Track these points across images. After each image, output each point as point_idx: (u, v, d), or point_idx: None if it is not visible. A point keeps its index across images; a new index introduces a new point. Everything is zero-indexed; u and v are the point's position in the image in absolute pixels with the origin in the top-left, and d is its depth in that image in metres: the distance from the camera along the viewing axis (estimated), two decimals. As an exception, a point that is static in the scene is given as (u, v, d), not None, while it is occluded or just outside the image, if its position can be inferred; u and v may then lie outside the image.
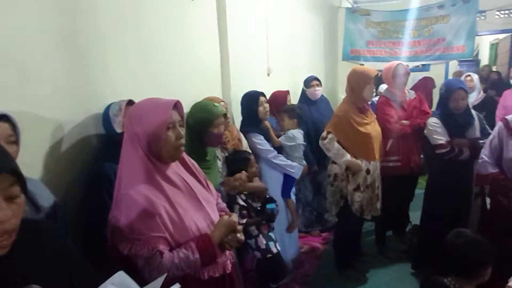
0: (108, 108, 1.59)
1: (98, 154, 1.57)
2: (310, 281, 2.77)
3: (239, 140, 2.39)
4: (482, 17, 5.34)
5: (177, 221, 1.13)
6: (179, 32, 2.13)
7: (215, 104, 1.78)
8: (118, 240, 1.08)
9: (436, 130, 2.48)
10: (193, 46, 2.26)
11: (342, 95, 3.84)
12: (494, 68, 6.87)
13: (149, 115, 1.13)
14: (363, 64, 5.65)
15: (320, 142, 2.58)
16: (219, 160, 2.07)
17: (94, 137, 1.63)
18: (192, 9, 2.24)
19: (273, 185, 2.58)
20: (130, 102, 1.54)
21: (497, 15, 5.35)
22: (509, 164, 1.94)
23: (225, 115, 1.82)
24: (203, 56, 2.38)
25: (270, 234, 2.19)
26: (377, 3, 6.01)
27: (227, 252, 1.27)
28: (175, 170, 1.22)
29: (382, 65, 3.32)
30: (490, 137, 2.09)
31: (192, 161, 1.35)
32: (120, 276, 0.90)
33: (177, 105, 1.20)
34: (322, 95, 3.46)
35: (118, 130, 1.51)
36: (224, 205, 1.46)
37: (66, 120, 1.49)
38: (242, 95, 2.63)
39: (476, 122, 2.48)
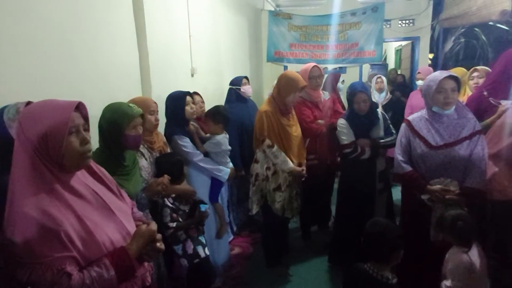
0: (1, 111, 1.37)
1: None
2: (240, 282, 2.77)
3: (165, 143, 2.28)
4: (388, 26, 5.91)
5: (86, 236, 1.01)
6: (90, 27, 1.94)
7: (130, 105, 1.66)
8: (15, 267, 0.93)
9: (343, 131, 2.63)
10: (106, 43, 2.08)
11: (267, 96, 3.90)
12: (399, 72, 7.68)
13: (47, 119, 0.99)
14: (286, 66, 5.89)
15: (267, 150, 2.55)
16: (146, 159, 1.95)
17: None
18: (103, 3, 2.06)
19: (201, 189, 2.50)
20: (29, 105, 1.35)
21: (400, 24, 5.99)
22: (417, 160, 2.12)
23: (142, 116, 1.70)
24: (119, 55, 2.20)
25: (199, 237, 2.13)
26: (298, 8, 6.29)
27: (146, 264, 1.18)
28: (81, 179, 1.09)
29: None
30: (399, 137, 2.24)
31: (101, 168, 1.22)
32: None
33: (79, 107, 1.07)
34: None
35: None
36: (140, 213, 1.36)
37: None
38: (164, 96, 2.52)
39: (381, 122, 2.65)
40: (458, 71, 3.23)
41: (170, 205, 2.00)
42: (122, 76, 2.23)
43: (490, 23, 6.37)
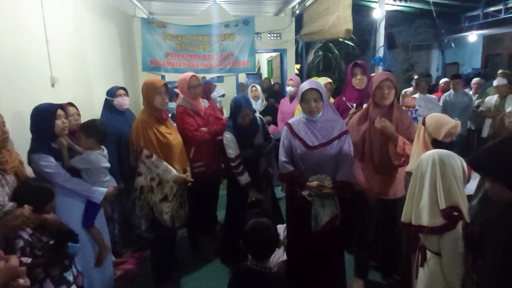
0: None
1: None
2: (126, 307, 2.57)
3: (21, 162, 1.92)
4: (259, 38, 6.38)
5: None
6: None
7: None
8: None
9: (230, 145, 2.76)
10: None
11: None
12: (272, 81, 8.38)
13: None
14: (163, 75, 5.76)
15: (146, 161, 2.47)
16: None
17: None
18: None
19: (73, 214, 2.20)
20: None
21: (269, 37, 6.53)
22: (297, 159, 2.31)
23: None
24: None
25: (64, 275, 1.83)
26: (171, 16, 6.23)
27: None
28: None
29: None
30: (282, 139, 2.39)
31: None
32: None
33: None
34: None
35: None
36: None
37: None
38: (19, 109, 2.16)
39: (261, 128, 2.87)
40: (322, 80, 3.66)
41: (26, 237, 1.67)
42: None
43: (340, 39, 7.52)
